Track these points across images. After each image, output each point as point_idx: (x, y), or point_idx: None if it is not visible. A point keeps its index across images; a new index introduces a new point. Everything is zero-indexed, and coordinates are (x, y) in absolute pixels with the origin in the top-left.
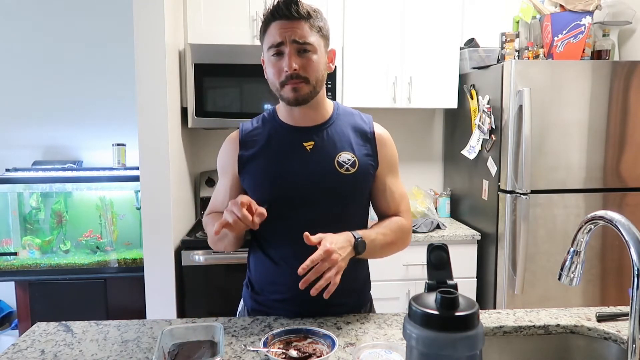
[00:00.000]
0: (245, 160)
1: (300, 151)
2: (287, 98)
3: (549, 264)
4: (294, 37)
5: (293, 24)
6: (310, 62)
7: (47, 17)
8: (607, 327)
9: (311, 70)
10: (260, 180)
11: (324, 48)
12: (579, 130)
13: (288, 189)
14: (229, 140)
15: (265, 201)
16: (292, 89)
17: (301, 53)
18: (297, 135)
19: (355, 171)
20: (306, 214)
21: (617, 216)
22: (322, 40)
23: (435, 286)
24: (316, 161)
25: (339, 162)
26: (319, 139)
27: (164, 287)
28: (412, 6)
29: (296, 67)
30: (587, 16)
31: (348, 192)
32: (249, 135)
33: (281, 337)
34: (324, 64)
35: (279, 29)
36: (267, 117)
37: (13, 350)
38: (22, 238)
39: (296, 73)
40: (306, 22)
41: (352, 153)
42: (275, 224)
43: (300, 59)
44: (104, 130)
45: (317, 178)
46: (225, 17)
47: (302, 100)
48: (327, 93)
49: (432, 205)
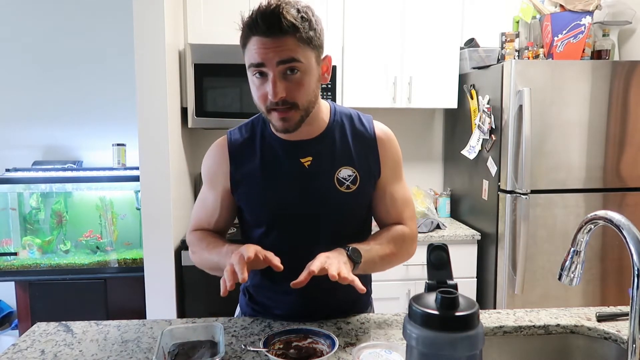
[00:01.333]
0: (239, 179)
1: (298, 169)
2: (275, 127)
3: (549, 264)
4: (278, 57)
5: (276, 41)
6: (299, 85)
7: (47, 17)
8: (607, 327)
9: (300, 95)
10: (256, 202)
11: (316, 60)
12: (579, 130)
13: (286, 210)
14: (217, 149)
15: (262, 221)
16: (280, 119)
17: (287, 75)
18: (293, 150)
19: (355, 188)
20: (305, 233)
21: (617, 216)
22: (314, 52)
23: (435, 286)
24: (315, 179)
25: (339, 180)
26: (316, 154)
27: (164, 287)
28: (412, 6)
29: (283, 94)
30: (587, 16)
31: (348, 211)
32: (239, 148)
33: (281, 337)
34: (317, 81)
35: (259, 48)
36: (257, 125)
37: (13, 351)
38: (22, 238)
39: (283, 99)
40: (292, 36)
41: (352, 168)
42: (273, 242)
43: (287, 82)
44: (104, 130)
45: (316, 198)
46: (225, 17)
47: (293, 129)
48: (327, 93)
49: (432, 205)
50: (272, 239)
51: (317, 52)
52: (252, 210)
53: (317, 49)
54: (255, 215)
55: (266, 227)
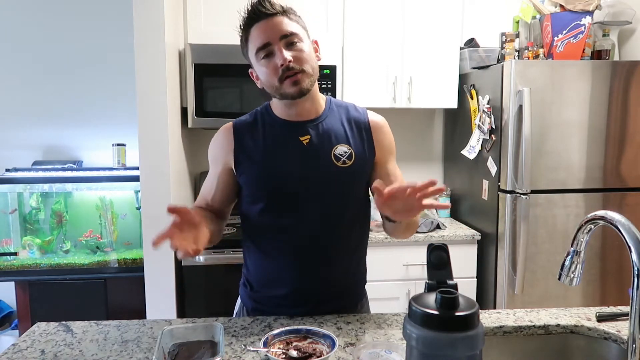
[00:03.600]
0: (242, 156)
1: (297, 145)
2: (289, 92)
3: (549, 264)
4: (280, 33)
5: (272, 20)
6: (302, 52)
7: (47, 17)
8: (607, 327)
9: (305, 60)
10: (258, 176)
11: (308, 38)
12: (579, 130)
13: (286, 184)
14: (223, 131)
15: (263, 196)
16: (292, 83)
17: (290, 46)
18: (293, 129)
19: (352, 164)
20: (304, 208)
21: (617, 216)
22: (304, 31)
23: (435, 286)
24: (313, 155)
25: (335, 156)
26: (314, 133)
27: (164, 287)
28: (412, 6)
29: (290, 59)
30: (587, 16)
31: (346, 185)
32: (243, 128)
33: (281, 337)
34: (314, 53)
35: (261, 30)
36: (261, 112)
37: (13, 350)
38: (22, 238)
39: (291, 65)
40: (284, 15)
41: (348, 145)
42: (273, 219)
43: (292, 51)
44: (104, 130)
45: (314, 172)
46: (225, 17)
47: (305, 91)
48: (327, 93)
49: None
50: (271, 215)
51: (306, 32)
52: (252, 186)
53: (305, 30)
54: (255, 191)
55: (266, 202)
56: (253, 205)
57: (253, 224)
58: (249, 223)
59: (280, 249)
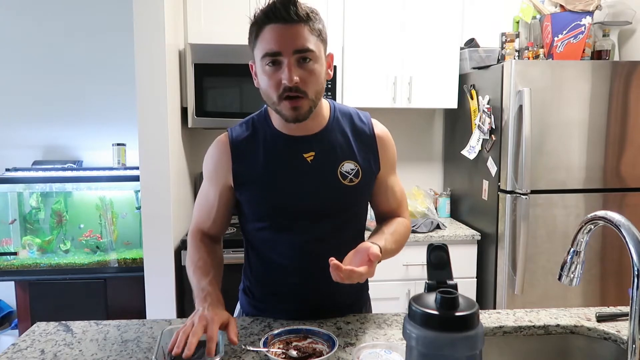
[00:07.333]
0: (242, 175)
1: (301, 164)
2: (285, 115)
3: (549, 264)
4: (294, 46)
5: (292, 29)
6: (312, 74)
7: (47, 16)
8: (607, 327)
9: (312, 84)
10: (259, 196)
11: (324, 53)
12: (579, 130)
13: (289, 204)
14: (219, 146)
15: (264, 215)
16: (291, 108)
17: (301, 62)
18: (295, 145)
19: (358, 181)
20: (308, 226)
21: (617, 216)
22: (322, 45)
23: (435, 286)
24: (318, 174)
25: (342, 173)
26: (319, 149)
27: (164, 287)
28: (412, 6)
29: (297, 80)
30: (587, 16)
31: (352, 203)
32: (241, 144)
33: (281, 337)
34: (325, 73)
35: (275, 35)
36: (258, 121)
37: (13, 350)
38: (22, 238)
39: (296, 86)
40: (305, 25)
41: (354, 162)
42: (276, 236)
43: (301, 70)
44: (104, 130)
45: (320, 192)
46: (225, 17)
47: (302, 118)
48: (327, 93)
49: (432, 205)
50: (273, 233)
51: (324, 45)
52: (254, 205)
53: (324, 43)
54: (257, 210)
55: (268, 222)
56: (254, 222)
57: (255, 238)
58: (251, 236)
59: (284, 265)
